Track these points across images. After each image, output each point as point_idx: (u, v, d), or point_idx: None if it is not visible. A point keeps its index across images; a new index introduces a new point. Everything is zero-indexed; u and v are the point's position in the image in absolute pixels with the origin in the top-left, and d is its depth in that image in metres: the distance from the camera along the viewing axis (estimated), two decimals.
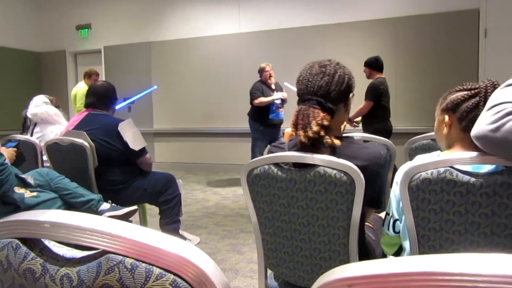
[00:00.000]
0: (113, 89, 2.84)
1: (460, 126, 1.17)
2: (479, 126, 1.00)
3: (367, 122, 4.41)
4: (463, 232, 1.09)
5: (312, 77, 1.32)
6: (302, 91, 1.34)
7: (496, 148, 0.98)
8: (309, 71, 1.34)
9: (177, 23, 7.02)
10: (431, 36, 5.46)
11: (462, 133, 1.17)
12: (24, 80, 7.68)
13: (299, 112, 1.30)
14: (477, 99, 1.15)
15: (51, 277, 0.51)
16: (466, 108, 1.15)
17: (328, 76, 1.30)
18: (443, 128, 1.23)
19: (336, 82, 1.30)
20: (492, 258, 0.31)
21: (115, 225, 0.48)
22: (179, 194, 2.89)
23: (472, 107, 1.14)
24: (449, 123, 1.20)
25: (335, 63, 1.36)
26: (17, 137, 2.92)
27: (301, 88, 1.35)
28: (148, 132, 6.78)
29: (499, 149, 0.98)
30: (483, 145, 1.00)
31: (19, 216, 0.54)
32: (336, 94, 1.30)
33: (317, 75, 1.31)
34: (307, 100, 1.31)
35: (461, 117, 1.17)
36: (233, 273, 2.69)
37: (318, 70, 1.32)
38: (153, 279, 0.45)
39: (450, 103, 1.20)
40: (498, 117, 0.95)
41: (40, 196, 2.19)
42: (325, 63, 1.34)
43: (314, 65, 1.36)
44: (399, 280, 0.33)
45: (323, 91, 1.30)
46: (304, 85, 1.33)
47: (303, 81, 1.34)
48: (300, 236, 1.35)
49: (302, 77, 1.35)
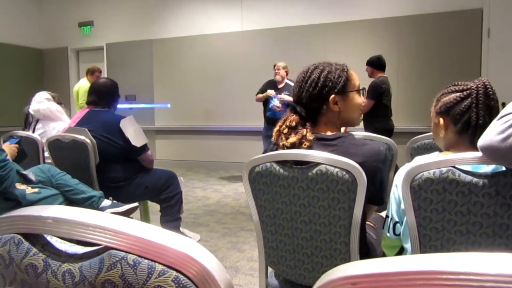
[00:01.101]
0: (116, 87, 2.84)
1: (456, 129, 1.18)
2: (487, 136, 0.98)
3: (369, 121, 4.40)
4: (465, 232, 1.09)
5: (295, 84, 1.42)
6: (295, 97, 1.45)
7: (501, 158, 0.97)
8: (298, 78, 1.42)
9: (179, 21, 7.01)
10: (433, 36, 5.44)
11: (458, 135, 1.18)
12: (26, 77, 7.69)
13: (284, 120, 1.40)
14: (469, 100, 1.15)
15: (53, 273, 0.51)
16: (459, 111, 1.16)
17: (302, 83, 1.39)
18: (439, 130, 1.23)
19: (308, 88, 1.36)
20: (498, 258, 0.31)
21: (117, 221, 0.48)
22: (180, 191, 2.89)
23: (464, 109, 1.15)
24: (444, 126, 1.21)
25: (314, 67, 1.40)
26: (18, 134, 2.92)
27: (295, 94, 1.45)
28: (150, 130, 6.78)
29: (504, 160, 0.97)
30: (489, 155, 0.99)
31: (21, 211, 0.54)
32: (308, 99, 1.37)
33: (297, 82, 1.41)
34: (292, 108, 1.41)
35: (455, 120, 1.17)
36: (233, 271, 2.69)
37: (300, 77, 1.41)
38: (155, 276, 0.45)
39: (444, 106, 1.20)
40: (506, 127, 0.94)
41: (42, 192, 2.19)
42: (307, 69, 1.41)
43: (303, 70, 1.42)
44: (403, 278, 0.33)
45: (297, 97, 1.40)
46: (294, 91, 1.44)
47: (295, 87, 1.43)
48: (301, 234, 1.35)
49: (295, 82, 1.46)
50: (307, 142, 1.31)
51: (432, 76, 5.41)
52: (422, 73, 5.53)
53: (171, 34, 7.05)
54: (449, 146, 1.22)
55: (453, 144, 1.21)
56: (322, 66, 1.39)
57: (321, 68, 1.38)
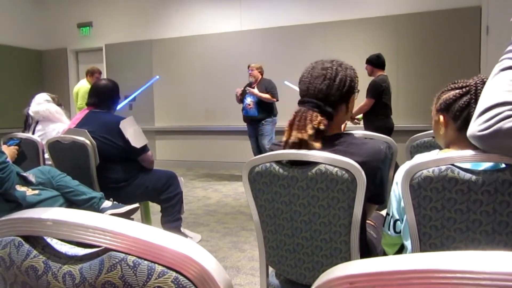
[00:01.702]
0: (117, 89, 2.83)
1: (456, 126, 1.18)
2: (470, 128, 1.01)
3: (369, 120, 4.40)
4: (465, 230, 1.09)
5: (313, 79, 1.32)
6: (303, 93, 1.36)
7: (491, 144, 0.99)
8: (311, 73, 1.34)
9: (179, 21, 7.01)
10: (432, 34, 5.44)
11: (458, 132, 1.18)
12: (25, 78, 7.69)
13: (297, 113, 1.31)
14: (468, 97, 1.16)
15: (53, 275, 0.51)
16: (459, 107, 1.17)
17: (329, 80, 1.31)
18: (439, 128, 1.24)
19: (337, 86, 1.31)
20: (495, 256, 0.31)
21: (117, 222, 0.48)
22: (181, 192, 2.90)
23: (464, 105, 1.16)
24: (444, 123, 1.22)
25: (337, 64, 1.35)
26: (18, 135, 2.92)
27: (302, 89, 1.36)
28: (150, 130, 6.78)
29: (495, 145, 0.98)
30: (479, 145, 1.02)
31: (21, 214, 0.54)
32: (337, 97, 1.32)
33: (318, 77, 1.32)
34: (307, 103, 1.32)
35: (455, 116, 1.18)
36: (234, 270, 2.69)
37: (319, 73, 1.33)
38: (155, 277, 0.45)
39: (443, 103, 1.21)
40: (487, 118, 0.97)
41: (42, 194, 2.19)
42: (327, 66, 1.34)
43: (316, 66, 1.36)
44: (401, 277, 0.33)
45: (323, 94, 1.31)
46: (305, 86, 1.35)
47: (304, 82, 1.35)
48: (301, 234, 1.35)
49: (304, 78, 1.36)
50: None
51: (431, 74, 5.41)
52: (421, 71, 5.53)
53: (171, 34, 7.05)
54: (450, 143, 1.23)
55: (453, 141, 1.21)
56: (343, 64, 1.37)
57: (344, 67, 1.36)
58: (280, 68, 6.18)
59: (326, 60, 1.38)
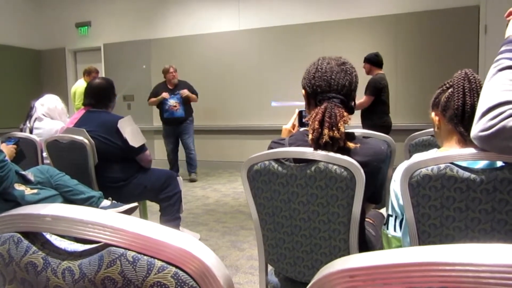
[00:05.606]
0: (111, 87, 2.80)
1: (445, 118, 1.20)
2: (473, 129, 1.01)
3: (367, 117, 4.41)
4: (464, 228, 1.09)
5: (335, 74, 1.29)
6: (323, 88, 1.30)
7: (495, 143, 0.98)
8: (329, 68, 1.30)
9: (177, 21, 7.00)
10: (431, 33, 5.45)
11: (449, 125, 1.19)
12: (23, 78, 7.67)
13: (325, 110, 1.25)
14: (451, 90, 1.19)
15: (53, 271, 0.51)
16: (445, 99, 1.20)
17: (349, 75, 1.31)
18: (435, 125, 1.27)
19: (355, 82, 1.32)
20: (494, 248, 0.31)
21: (116, 218, 0.48)
22: (180, 191, 2.89)
23: (449, 96, 1.19)
24: (437, 119, 1.24)
25: (347, 61, 1.36)
26: (17, 135, 2.91)
27: (321, 84, 1.30)
28: (148, 130, 6.77)
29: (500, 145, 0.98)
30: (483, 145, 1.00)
31: (20, 210, 0.54)
32: (354, 93, 1.33)
33: (339, 73, 1.29)
34: (332, 98, 1.28)
35: (443, 109, 1.20)
36: (233, 269, 2.69)
37: (338, 68, 1.30)
38: (154, 272, 0.45)
39: (433, 100, 1.26)
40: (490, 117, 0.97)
41: (41, 193, 2.19)
42: (342, 61, 1.33)
43: (330, 61, 1.33)
44: (401, 270, 0.33)
45: (347, 90, 1.29)
46: (325, 82, 1.30)
47: (323, 77, 1.30)
48: (300, 232, 1.35)
49: (321, 73, 1.31)
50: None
51: (429, 73, 5.42)
52: (419, 70, 5.53)
53: (169, 34, 7.04)
54: (445, 139, 1.23)
55: (446, 136, 1.22)
56: (347, 61, 1.36)
57: (350, 64, 1.36)
58: (278, 67, 6.19)
59: (335, 57, 1.36)
